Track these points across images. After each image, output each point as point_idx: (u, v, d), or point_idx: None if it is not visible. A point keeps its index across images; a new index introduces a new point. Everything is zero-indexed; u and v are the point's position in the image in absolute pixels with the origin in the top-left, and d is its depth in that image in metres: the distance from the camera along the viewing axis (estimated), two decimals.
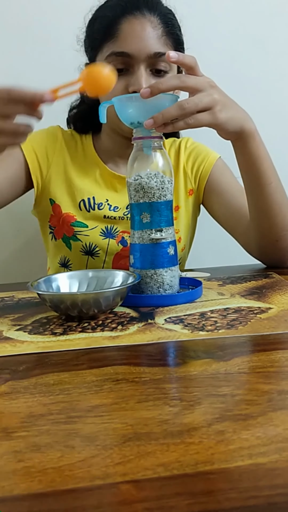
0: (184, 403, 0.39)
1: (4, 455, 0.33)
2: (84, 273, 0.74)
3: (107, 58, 0.89)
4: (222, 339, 0.54)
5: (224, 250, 1.20)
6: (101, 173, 1.00)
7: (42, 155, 0.98)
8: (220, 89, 0.72)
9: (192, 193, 1.04)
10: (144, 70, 0.87)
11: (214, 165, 1.02)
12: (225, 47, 1.33)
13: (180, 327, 0.58)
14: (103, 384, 0.44)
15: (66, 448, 0.33)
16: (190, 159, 1.04)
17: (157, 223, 0.70)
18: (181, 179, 1.03)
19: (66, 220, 0.98)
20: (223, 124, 0.72)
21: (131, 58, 0.87)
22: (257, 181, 0.82)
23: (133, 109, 0.69)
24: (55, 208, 0.99)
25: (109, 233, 0.98)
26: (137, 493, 0.28)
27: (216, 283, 0.80)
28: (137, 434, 0.35)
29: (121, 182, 1.00)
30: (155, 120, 0.65)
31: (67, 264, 1.01)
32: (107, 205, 0.98)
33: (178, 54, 0.68)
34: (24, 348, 0.54)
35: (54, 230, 1.00)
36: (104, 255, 0.98)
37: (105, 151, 1.02)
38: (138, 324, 0.61)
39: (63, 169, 1.00)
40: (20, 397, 0.42)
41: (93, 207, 0.98)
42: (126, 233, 0.98)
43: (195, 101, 0.67)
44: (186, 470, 0.30)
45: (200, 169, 1.03)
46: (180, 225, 1.03)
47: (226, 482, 0.29)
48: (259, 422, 0.36)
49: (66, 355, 0.52)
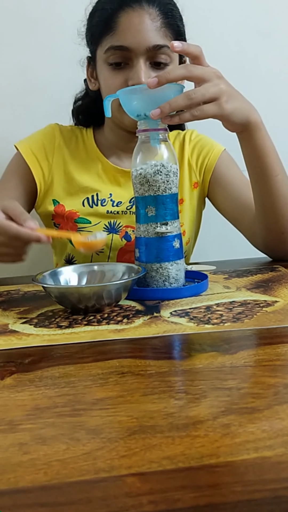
0: (189, 396, 0.39)
1: (9, 447, 0.33)
2: (89, 266, 0.74)
3: (106, 52, 0.88)
4: (227, 333, 0.54)
5: (230, 244, 1.19)
6: (103, 167, 1.00)
7: (41, 156, 0.98)
8: (226, 80, 0.71)
9: (197, 186, 1.03)
10: (144, 63, 0.86)
11: (219, 157, 1.01)
12: (229, 38, 1.31)
13: (186, 320, 0.58)
14: (108, 377, 0.44)
15: (71, 440, 0.34)
16: (195, 152, 1.03)
17: (162, 216, 0.69)
18: (186, 172, 1.02)
19: (70, 217, 0.98)
20: (229, 115, 0.71)
21: (129, 51, 0.86)
22: (263, 173, 0.82)
23: (138, 101, 0.69)
24: (58, 208, 0.99)
25: (112, 228, 0.97)
26: (142, 486, 0.28)
27: (222, 277, 0.80)
28: (142, 427, 0.35)
29: (124, 176, 0.99)
30: (162, 110, 0.65)
31: (72, 261, 1.01)
32: (110, 201, 0.98)
33: (183, 43, 0.68)
34: (29, 341, 0.54)
35: (59, 227, 1.00)
36: (108, 251, 0.98)
37: (107, 145, 1.01)
38: (143, 317, 0.60)
39: (63, 168, 0.99)
40: (26, 390, 0.42)
41: (96, 203, 0.98)
42: (129, 228, 0.98)
43: (202, 91, 0.67)
44: (191, 463, 0.30)
45: (205, 161, 1.02)
46: (185, 219, 1.02)
47: (231, 475, 0.29)
48: (265, 415, 0.36)
49: (71, 348, 0.52)
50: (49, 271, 0.70)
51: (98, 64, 0.92)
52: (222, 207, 1.02)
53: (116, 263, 0.75)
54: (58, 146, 1.00)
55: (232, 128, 0.76)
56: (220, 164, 1.01)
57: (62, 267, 0.73)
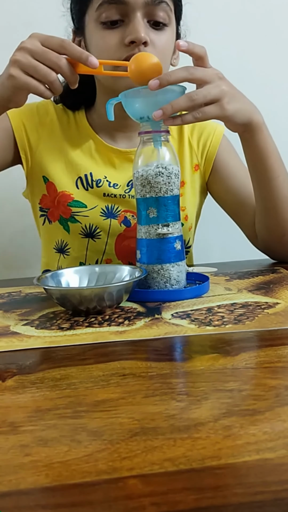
0: (191, 398, 0.39)
1: (11, 449, 0.33)
2: (90, 268, 0.74)
3: (98, 9, 0.81)
4: (229, 334, 0.54)
5: (231, 245, 1.19)
6: (96, 147, 0.95)
7: (31, 128, 0.94)
8: (228, 81, 0.71)
9: (197, 168, 1.00)
10: (142, 18, 0.80)
11: (221, 143, 0.99)
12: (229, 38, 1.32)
13: (187, 322, 0.58)
14: (109, 378, 0.44)
15: (72, 442, 0.33)
16: (195, 132, 1.00)
17: (164, 218, 0.69)
18: (187, 152, 0.99)
19: (62, 200, 0.93)
20: (231, 116, 0.71)
21: (125, 5, 0.80)
22: (264, 174, 0.82)
23: (140, 104, 0.69)
24: (49, 186, 0.94)
25: (110, 212, 0.93)
26: (143, 488, 0.28)
27: (223, 278, 0.80)
28: (144, 429, 0.35)
29: (119, 156, 0.95)
30: (164, 111, 0.64)
31: (65, 248, 0.96)
32: (106, 181, 0.93)
33: (188, 42, 0.67)
34: (31, 343, 0.54)
35: (47, 212, 0.95)
36: (106, 237, 0.93)
37: (100, 124, 0.96)
38: (145, 319, 0.60)
39: (56, 144, 0.94)
40: (27, 392, 0.42)
41: (91, 184, 0.93)
42: (129, 212, 0.93)
43: (204, 92, 0.67)
44: (193, 465, 0.30)
45: (207, 145, 0.99)
46: (186, 202, 0.99)
47: (233, 477, 0.29)
48: (267, 417, 0.35)
49: (73, 350, 0.52)
50: (51, 272, 0.70)
51: (88, 29, 0.86)
52: (223, 200, 1.00)
53: (117, 265, 0.75)
54: (51, 122, 0.95)
55: (234, 129, 0.76)
56: (222, 150, 0.99)
57: (64, 269, 0.73)
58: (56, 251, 0.98)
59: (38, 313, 0.66)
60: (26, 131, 0.94)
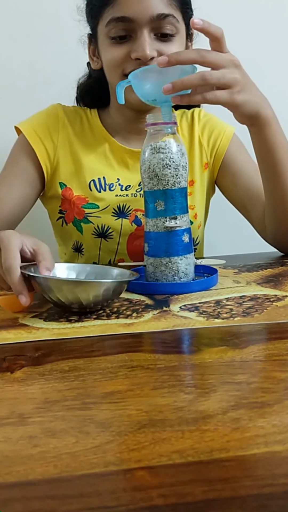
0: (199, 391, 0.39)
1: (19, 440, 0.33)
2: (82, 266, 0.72)
3: (107, 25, 0.84)
4: (237, 327, 0.53)
5: (240, 238, 1.19)
6: (110, 148, 0.96)
7: (46, 137, 0.94)
8: (243, 70, 0.69)
9: (207, 167, 1.00)
10: (148, 34, 0.82)
11: (231, 140, 0.99)
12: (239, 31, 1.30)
13: (195, 314, 0.58)
14: (118, 370, 0.44)
15: (80, 433, 0.34)
16: (206, 131, 1.00)
17: (172, 210, 0.69)
18: (197, 152, 0.99)
19: (77, 203, 0.94)
20: (239, 106, 0.70)
21: (132, 22, 0.81)
22: (273, 169, 0.81)
23: (151, 84, 0.68)
24: (65, 191, 0.95)
25: (121, 212, 0.94)
26: (152, 479, 0.28)
27: (231, 271, 0.80)
28: (152, 420, 0.35)
29: (132, 157, 0.96)
30: (174, 85, 0.63)
31: (80, 248, 0.98)
32: (118, 185, 0.95)
33: (203, 21, 0.65)
34: (39, 335, 0.54)
35: (64, 214, 0.97)
36: (118, 237, 0.95)
37: (114, 126, 0.97)
38: (153, 311, 0.60)
39: (69, 148, 0.95)
40: (35, 383, 0.42)
41: (104, 187, 0.94)
42: (139, 211, 0.94)
43: (218, 75, 0.65)
44: (201, 457, 0.30)
45: (217, 143, 0.99)
46: (196, 201, 0.99)
47: (241, 469, 0.29)
48: (275, 410, 0.35)
49: (81, 342, 0.52)
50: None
51: (99, 40, 0.89)
52: (232, 195, 1.00)
53: (109, 267, 0.72)
54: (63, 126, 0.96)
55: (241, 120, 0.75)
56: (231, 148, 0.99)
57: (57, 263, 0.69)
58: (74, 251, 1.00)
59: (46, 305, 0.66)
60: (42, 142, 0.94)
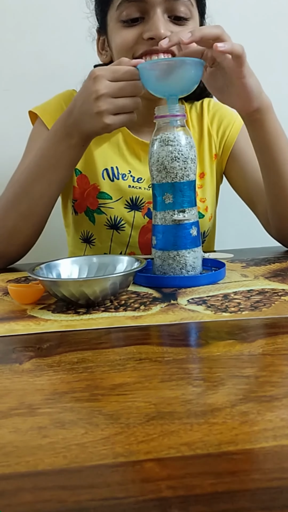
0: (207, 384, 0.39)
1: (29, 431, 0.33)
2: (88, 258, 0.71)
3: (118, 8, 0.82)
4: (245, 321, 0.53)
5: (248, 232, 1.18)
6: (124, 138, 0.96)
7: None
8: None
9: (216, 157, 1.00)
10: (162, 14, 0.80)
11: (240, 131, 0.98)
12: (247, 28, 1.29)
13: (203, 308, 0.58)
14: (126, 363, 0.44)
15: (89, 425, 0.34)
16: (215, 121, 0.99)
17: (180, 203, 0.69)
18: (206, 143, 0.98)
19: (92, 193, 0.94)
20: (244, 79, 0.69)
21: (145, 2, 0.80)
22: (275, 159, 0.79)
23: (158, 77, 0.67)
24: (80, 179, 0.94)
25: (134, 204, 0.94)
26: (160, 471, 0.28)
27: (239, 265, 0.79)
28: (160, 413, 0.35)
29: (144, 149, 0.95)
30: (192, 33, 0.64)
31: (90, 239, 0.97)
32: (130, 176, 0.94)
33: (226, 43, 0.65)
34: (48, 327, 0.55)
35: (74, 203, 0.96)
36: (130, 229, 0.95)
37: None
38: (160, 304, 0.60)
39: None
40: (44, 375, 0.42)
41: (117, 176, 0.94)
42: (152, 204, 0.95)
43: (233, 43, 0.65)
44: (209, 450, 0.30)
45: (226, 134, 0.98)
46: (206, 193, 0.98)
47: (250, 463, 0.29)
48: (284, 404, 0.35)
49: (89, 334, 0.52)
50: (45, 263, 0.68)
51: (110, 28, 0.87)
52: (239, 187, 0.99)
53: (115, 256, 0.72)
54: None
55: (246, 103, 0.73)
56: (240, 139, 0.98)
57: (59, 259, 0.70)
58: (82, 241, 0.99)
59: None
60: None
